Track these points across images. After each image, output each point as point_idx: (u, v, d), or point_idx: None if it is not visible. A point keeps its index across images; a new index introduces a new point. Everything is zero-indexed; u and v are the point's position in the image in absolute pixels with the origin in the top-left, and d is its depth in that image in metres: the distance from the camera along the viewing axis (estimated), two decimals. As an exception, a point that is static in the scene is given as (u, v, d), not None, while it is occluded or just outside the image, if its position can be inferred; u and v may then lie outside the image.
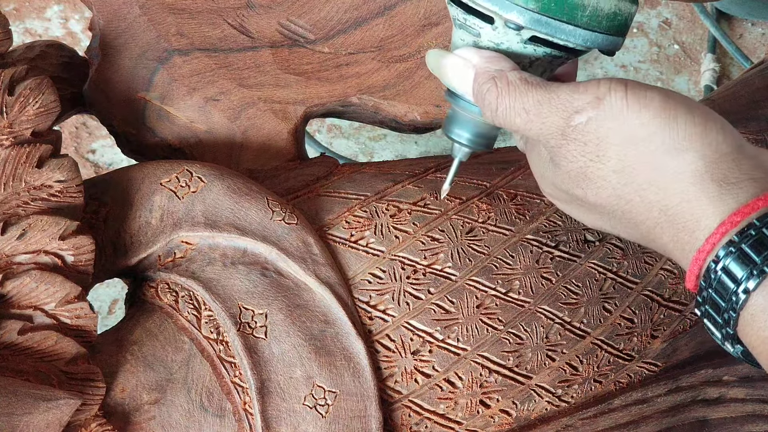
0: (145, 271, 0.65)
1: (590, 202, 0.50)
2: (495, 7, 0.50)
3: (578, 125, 0.48)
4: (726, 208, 0.45)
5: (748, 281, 0.43)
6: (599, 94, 0.47)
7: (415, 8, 0.74)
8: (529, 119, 0.49)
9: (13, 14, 1.44)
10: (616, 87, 0.47)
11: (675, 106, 0.47)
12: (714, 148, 0.46)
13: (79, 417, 0.56)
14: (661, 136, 0.46)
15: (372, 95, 0.75)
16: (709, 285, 0.45)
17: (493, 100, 0.50)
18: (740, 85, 0.82)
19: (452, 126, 0.55)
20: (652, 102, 0.47)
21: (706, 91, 1.43)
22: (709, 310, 0.46)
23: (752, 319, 0.43)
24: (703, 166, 0.45)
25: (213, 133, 0.73)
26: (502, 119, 0.50)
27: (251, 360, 0.60)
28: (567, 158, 0.49)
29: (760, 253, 0.43)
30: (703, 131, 0.46)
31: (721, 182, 0.45)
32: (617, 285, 0.68)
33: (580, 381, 0.66)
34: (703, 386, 0.70)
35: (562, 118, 0.48)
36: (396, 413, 0.63)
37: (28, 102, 0.60)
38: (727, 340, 0.46)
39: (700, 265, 0.45)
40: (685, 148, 0.46)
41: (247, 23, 0.73)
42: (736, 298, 0.44)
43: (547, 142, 0.49)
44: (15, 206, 0.58)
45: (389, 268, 0.65)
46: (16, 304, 0.56)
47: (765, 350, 0.43)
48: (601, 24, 0.51)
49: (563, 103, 0.48)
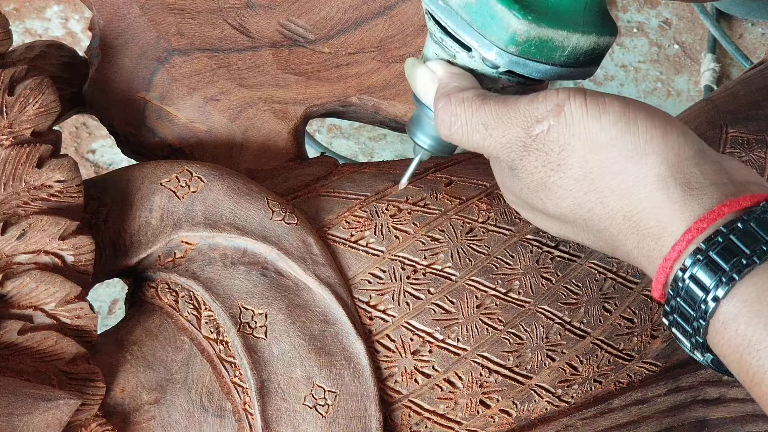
0: (145, 271, 0.65)
1: (551, 212, 0.50)
2: (475, 44, 0.49)
3: (539, 134, 0.47)
4: (691, 214, 0.44)
5: (717, 289, 0.43)
6: (559, 102, 0.47)
7: (415, 8, 0.74)
8: (488, 134, 0.49)
9: (13, 14, 1.44)
10: (575, 94, 0.47)
11: (635, 110, 0.46)
12: (676, 152, 0.45)
13: (79, 417, 0.56)
14: (622, 140, 0.46)
15: (372, 95, 0.75)
16: (677, 294, 0.44)
17: (447, 117, 0.50)
18: (740, 85, 0.82)
19: (416, 129, 0.57)
20: (612, 107, 0.46)
21: (706, 91, 1.43)
22: (677, 319, 0.45)
23: (723, 328, 0.43)
24: (666, 170, 0.45)
25: (213, 133, 0.73)
26: (458, 137, 0.50)
27: (251, 360, 0.60)
28: (527, 170, 0.49)
29: (728, 261, 0.42)
30: (663, 134, 0.46)
31: (684, 186, 0.45)
32: (617, 285, 0.68)
33: (580, 381, 0.66)
34: (703, 386, 0.70)
35: (522, 128, 0.48)
36: (396, 413, 0.63)
37: (28, 102, 0.60)
38: (697, 348, 0.45)
39: (667, 273, 0.45)
40: (647, 152, 0.45)
41: (247, 23, 0.73)
42: (706, 307, 0.43)
43: (508, 155, 0.49)
44: (15, 206, 0.58)
45: (389, 268, 0.65)
46: (16, 304, 0.56)
47: (736, 359, 0.43)
48: (579, 60, 0.51)
49: (523, 114, 0.48)
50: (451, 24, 0.50)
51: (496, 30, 0.48)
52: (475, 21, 0.49)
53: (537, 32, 0.48)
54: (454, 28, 0.50)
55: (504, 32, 0.48)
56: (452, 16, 0.49)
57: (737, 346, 0.42)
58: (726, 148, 0.75)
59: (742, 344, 0.42)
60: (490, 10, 0.48)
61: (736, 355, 0.43)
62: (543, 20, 0.48)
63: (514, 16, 0.47)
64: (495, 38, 0.48)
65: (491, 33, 0.48)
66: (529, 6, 0.48)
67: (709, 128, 0.78)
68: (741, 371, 0.43)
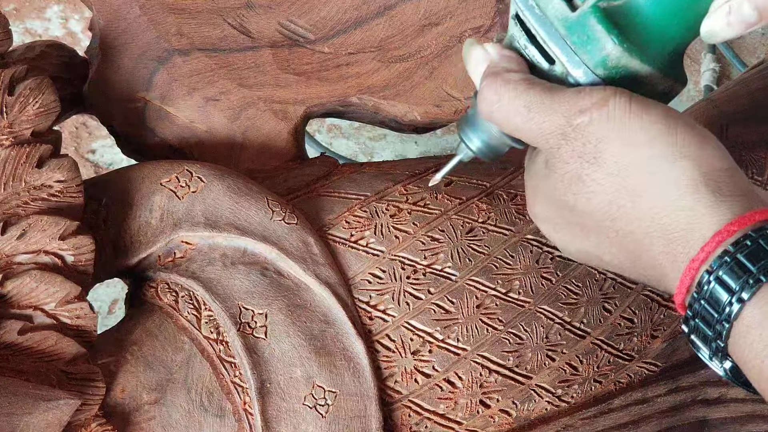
0: (145, 271, 0.65)
1: (579, 211, 0.49)
2: (564, 58, 0.49)
3: (580, 124, 0.47)
4: (721, 218, 0.44)
5: (742, 291, 0.42)
6: (605, 96, 0.47)
7: (415, 8, 0.74)
8: (529, 117, 0.49)
9: (13, 14, 1.44)
10: (621, 92, 0.47)
11: (676, 117, 0.47)
12: (710, 162, 0.46)
13: (79, 417, 0.56)
14: (660, 141, 0.46)
15: (372, 95, 0.75)
16: (701, 296, 0.44)
17: (490, 95, 0.50)
18: (740, 85, 0.82)
19: (466, 127, 0.55)
20: (655, 110, 0.47)
21: (706, 91, 1.43)
22: (699, 324, 0.45)
23: (747, 331, 0.43)
24: (699, 176, 0.45)
25: (213, 133, 0.73)
26: (498, 116, 0.50)
27: (251, 360, 0.60)
28: (563, 159, 0.49)
29: (755, 263, 0.42)
30: (701, 143, 0.46)
31: (716, 192, 0.45)
32: (617, 285, 0.68)
33: (580, 381, 0.66)
34: (703, 386, 0.70)
35: (564, 116, 0.48)
36: (396, 413, 0.63)
37: (28, 102, 0.59)
38: (716, 355, 0.45)
39: (693, 275, 0.45)
40: (683, 156, 0.46)
41: (247, 23, 0.73)
42: (730, 309, 0.43)
43: (546, 142, 0.49)
44: (15, 206, 0.58)
45: (389, 268, 0.65)
46: (16, 304, 0.56)
47: (757, 364, 0.42)
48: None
49: (567, 103, 0.48)
50: (544, 34, 0.50)
51: (590, 49, 0.48)
52: (569, 36, 0.49)
53: (627, 61, 0.48)
54: (546, 38, 0.49)
55: (597, 54, 0.48)
56: (546, 27, 0.49)
57: (759, 351, 0.42)
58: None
59: (765, 349, 0.42)
60: (588, 29, 0.48)
61: (758, 360, 0.42)
62: (635, 51, 0.48)
63: (612, 40, 0.48)
64: (586, 57, 0.49)
65: (584, 52, 0.49)
66: (626, 35, 0.48)
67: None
68: (761, 378, 0.42)
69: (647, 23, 0.48)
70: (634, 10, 0.48)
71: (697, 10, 0.48)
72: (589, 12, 0.48)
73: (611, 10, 0.48)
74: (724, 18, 0.47)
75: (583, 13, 0.48)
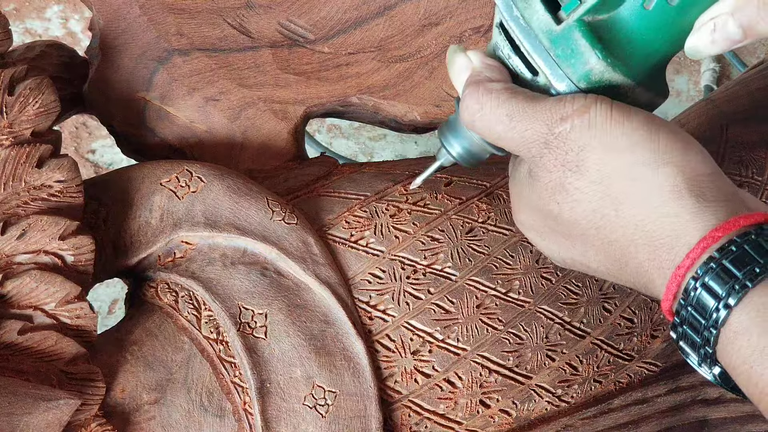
0: (145, 271, 0.65)
1: (564, 220, 0.49)
2: (547, 71, 0.49)
3: (561, 132, 0.47)
4: (706, 224, 0.44)
5: (729, 297, 0.42)
6: (586, 103, 0.47)
7: (415, 8, 0.74)
8: (511, 126, 0.48)
9: (13, 14, 1.44)
10: (602, 99, 0.47)
11: (658, 124, 0.47)
12: (693, 167, 0.46)
13: (79, 417, 0.56)
14: (642, 147, 0.46)
15: (372, 95, 0.75)
16: (688, 303, 0.44)
17: (472, 104, 0.50)
18: (740, 85, 0.82)
19: (448, 132, 0.55)
20: (636, 116, 0.47)
21: (706, 91, 1.43)
22: (687, 331, 0.45)
23: (734, 337, 0.42)
24: (682, 182, 0.45)
25: (213, 133, 0.73)
26: (480, 125, 0.50)
27: (251, 360, 0.60)
28: (546, 168, 0.48)
29: (741, 269, 0.42)
30: (683, 148, 0.46)
31: (699, 198, 0.45)
32: (617, 285, 0.68)
33: (580, 381, 0.66)
34: (703, 386, 0.70)
35: (546, 124, 0.48)
36: (396, 413, 0.63)
37: (28, 102, 0.59)
38: (705, 361, 0.45)
39: (679, 282, 0.44)
40: (665, 162, 0.45)
41: (247, 23, 0.73)
42: (717, 315, 0.43)
43: (529, 150, 0.49)
44: (15, 206, 0.58)
45: (389, 268, 0.65)
46: (16, 304, 0.56)
47: (746, 370, 0.42)
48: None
49: (549, 111, 0.48)
50: (528, 45, 0.50)
51: (574, 63, 0.48)
52: (554, 49, 0.49)
53: (610, 76, 0.48)
54: (530, 50, 0.50)
55: (581, 67, 0.48)
56: (531, 39, 0.49)
57: (748, 356, 0.42)
58: (726, 148, 0.75)
59: (753, 355, 0.42)
60: (572, 43, 0.48)
61: (746, 366, 0.42)
62: (619, 66, 0.48)
63: (596, 54, 0.48)
64: (570, 71, 0.49)
65: (567, 65, 0.49)
66: (610, 49, 0.48)
67: (709, 128, 0.78)
68: (750, 383, 0.42)
69: (631, 38, 0.48)
70: (619, 25, 0.48)
71: (682, 26, 0.48)
72: (573, 26, 0.48)
73: (596, 24, 0.48)
74: (709, 35, 0.47)
75: (567, 26, 0.48)
